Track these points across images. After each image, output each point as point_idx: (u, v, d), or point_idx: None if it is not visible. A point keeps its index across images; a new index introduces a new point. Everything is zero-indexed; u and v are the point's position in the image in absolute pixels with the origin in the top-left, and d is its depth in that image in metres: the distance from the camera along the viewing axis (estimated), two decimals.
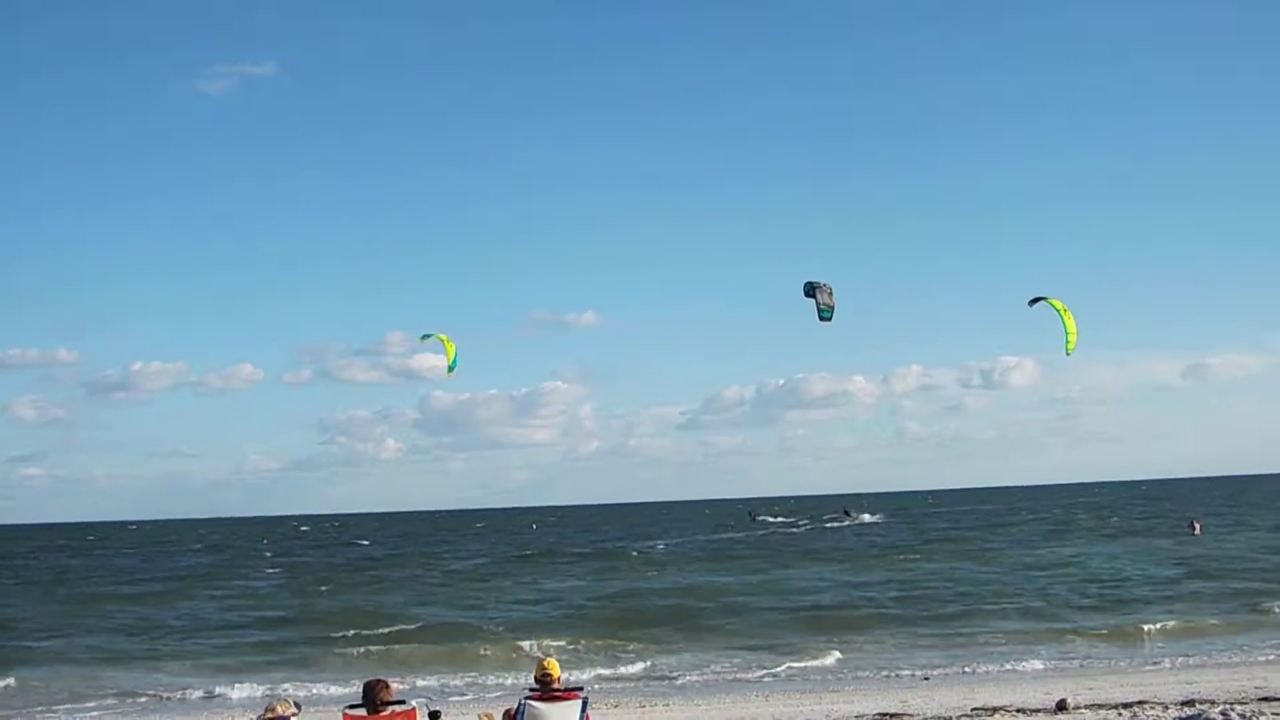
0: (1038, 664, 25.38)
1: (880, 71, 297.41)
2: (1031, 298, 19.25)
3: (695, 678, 25.44)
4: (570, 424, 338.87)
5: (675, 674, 26.03)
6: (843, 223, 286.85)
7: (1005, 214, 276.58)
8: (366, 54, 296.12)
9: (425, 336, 21.83)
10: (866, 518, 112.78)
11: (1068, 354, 19.21)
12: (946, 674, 24.51)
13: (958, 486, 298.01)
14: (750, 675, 25.47)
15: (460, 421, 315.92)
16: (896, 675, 24.70)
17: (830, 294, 18.37)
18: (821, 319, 18.32)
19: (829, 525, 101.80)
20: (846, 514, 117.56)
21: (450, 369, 21.67)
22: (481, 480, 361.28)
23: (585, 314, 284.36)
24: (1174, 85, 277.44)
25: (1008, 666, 25.13)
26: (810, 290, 18.22)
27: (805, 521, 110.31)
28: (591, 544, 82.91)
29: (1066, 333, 18.99)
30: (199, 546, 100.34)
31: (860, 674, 25.28)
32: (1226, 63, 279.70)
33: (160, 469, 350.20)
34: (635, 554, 65.09)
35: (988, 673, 24.59)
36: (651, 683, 25.14)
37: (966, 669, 25.10)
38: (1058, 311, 19.02)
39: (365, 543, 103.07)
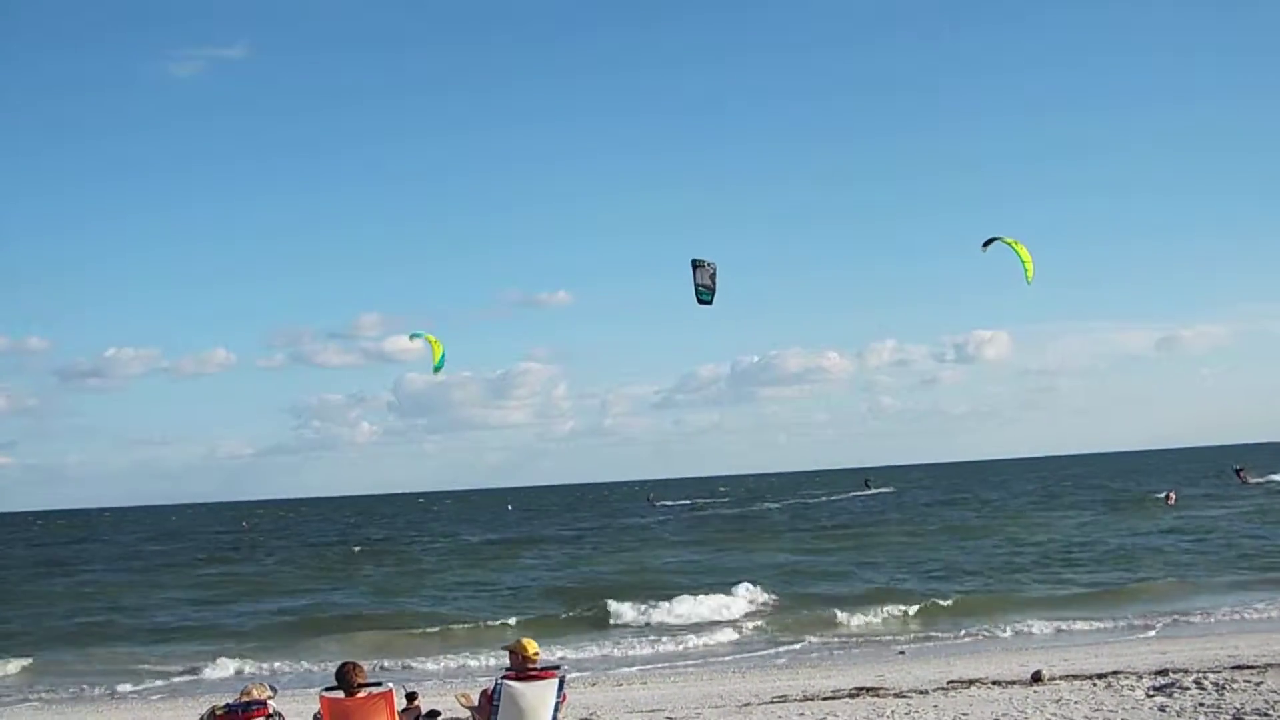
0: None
1: (850, 39, 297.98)
2: (984, 240, 18.75)
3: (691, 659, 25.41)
4: (545, 404, 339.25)
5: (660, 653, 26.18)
6: (816, 197, 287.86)
7: (977, 187, 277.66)
8: (336, 35, 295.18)
9: (414, 336, 21.98)
10: (886, 489, 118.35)
11: (1028, 283, 18.87)
12: (922, 647, 24.68)
13: (933, 461, 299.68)
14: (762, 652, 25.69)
15: (435, 403, 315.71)
16: (872, 648, 24.90)
17: (712, 274, 16.60)
18: (700, 301, 16.56)
19: (852, 495, 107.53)
20: (866, 484, 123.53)
21: (436, 369, 21.60)
22: (457, 462, 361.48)
23: (558, 293, 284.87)
24: (1141, 44, 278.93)
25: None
26: (693, 268, 16.54)
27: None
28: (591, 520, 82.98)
29: (1023, 262, 18.65)
30: (174, 532, 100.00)
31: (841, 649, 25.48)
32: (1201, 21, 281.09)
33: (133, 456, 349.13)
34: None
35: (963, 644, 24.80)
36: (620, 660, 25.23)
37: (942, 642, 25.30)
38: (1010, 246, 18.73)
39: (349, 521, 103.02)
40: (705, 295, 16.54)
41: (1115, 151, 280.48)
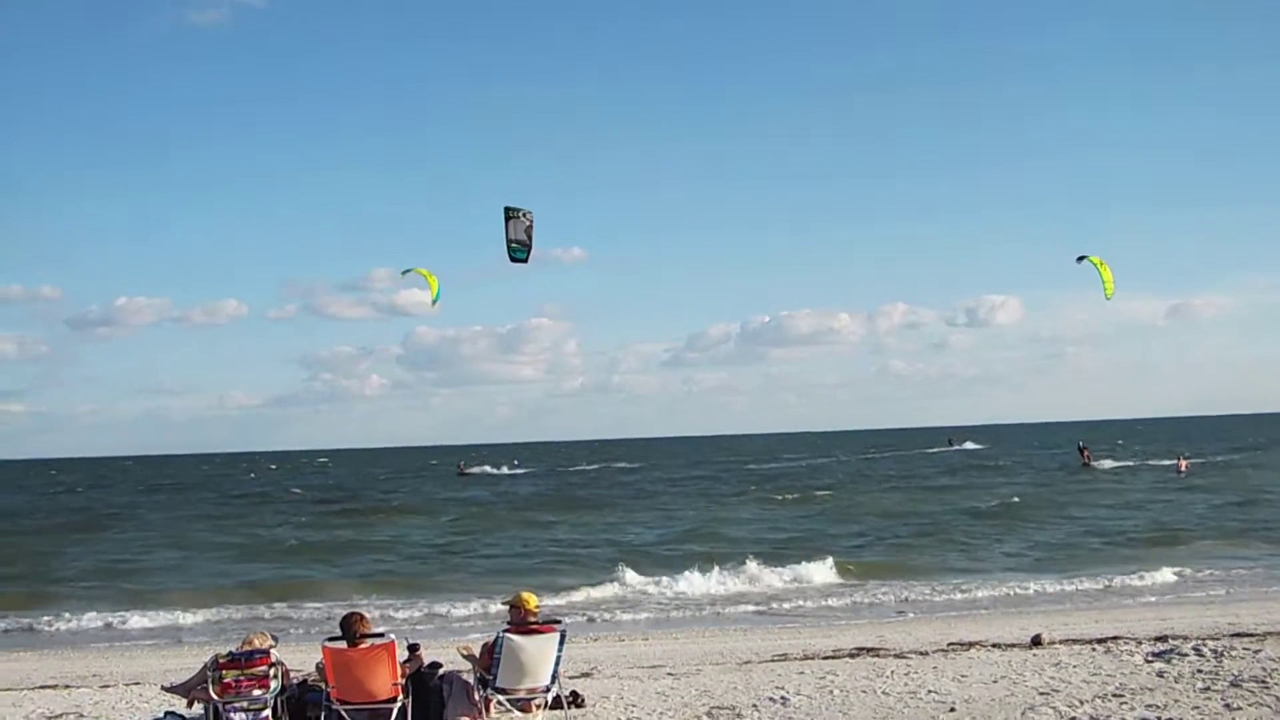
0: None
1: None
2: (1077, 256, 22.03)
3: (691, 612, 25.59)
4: (555, 360, 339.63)
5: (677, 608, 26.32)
6: (831, 156, 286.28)
7: (993, 146, 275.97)
8: None
9: (406, 271, 21.59)
10: (969, 445, 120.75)
11: (1107, 298, 22.50)
12: (924, 609, 24.77)
13: (942, 424, 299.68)
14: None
15: (445, 357, 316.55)
16: (873, 609, 25.03)
17: (528, 228, 14.36)
18: (514, 259, 14.51)
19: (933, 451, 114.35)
20: (950, 442, 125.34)
21: (434, 302, 21.47)
22: (465, 416, 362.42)
23: (573, 249, 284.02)
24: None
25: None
26: (505, 219, 14.41)
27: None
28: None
29: (1104, 282, 21.85)
30: (171, 483, 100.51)
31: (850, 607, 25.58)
32: None
33: (142, 405, 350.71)
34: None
35: (965, 608, 24.89)
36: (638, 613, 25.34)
37: (944, 604, 25.39)
38: (1095, 265, 21.83)
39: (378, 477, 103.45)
40: (520, 253, 14.67)
41: (1128, 124, 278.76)
